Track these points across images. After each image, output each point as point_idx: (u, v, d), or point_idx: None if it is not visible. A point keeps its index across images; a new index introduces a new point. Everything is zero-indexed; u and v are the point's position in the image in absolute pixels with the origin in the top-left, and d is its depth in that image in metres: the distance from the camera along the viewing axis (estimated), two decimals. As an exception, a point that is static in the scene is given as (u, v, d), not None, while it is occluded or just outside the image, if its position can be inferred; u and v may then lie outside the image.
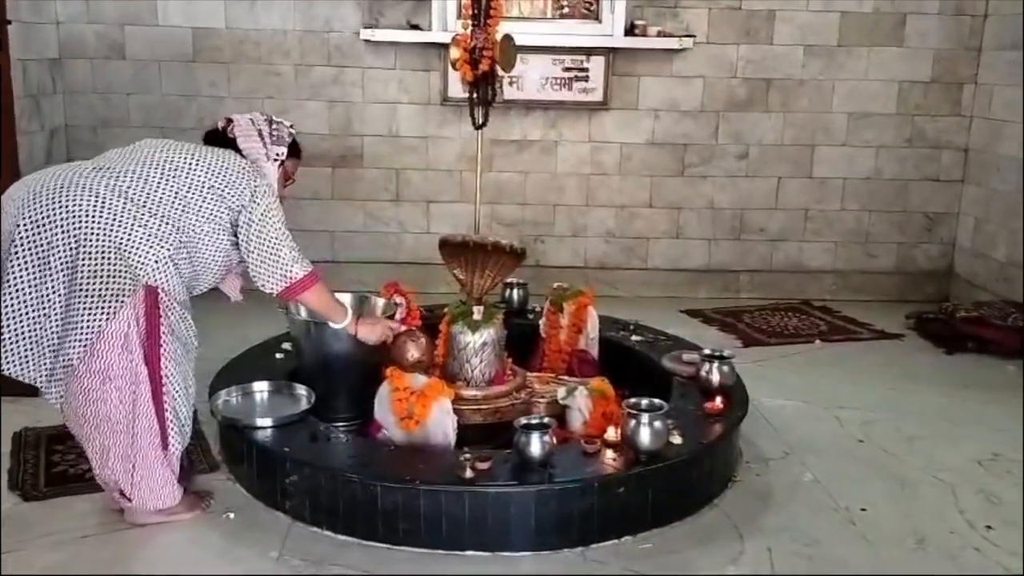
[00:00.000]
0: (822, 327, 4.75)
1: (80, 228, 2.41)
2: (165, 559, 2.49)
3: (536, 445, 2.54)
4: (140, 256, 2.46)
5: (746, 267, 5.29)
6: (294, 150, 2.86)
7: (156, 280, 2.48)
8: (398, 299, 3.42)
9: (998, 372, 4.15)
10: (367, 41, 4.85)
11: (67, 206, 2.42)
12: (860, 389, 3.85)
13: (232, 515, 2.69)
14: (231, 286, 2.85)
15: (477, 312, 3.10)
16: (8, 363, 2.46)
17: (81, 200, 2.43)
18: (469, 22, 3.16)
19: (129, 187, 2.49)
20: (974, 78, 5.06)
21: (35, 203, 2.43)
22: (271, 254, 2.61)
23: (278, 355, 3.43)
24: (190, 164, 2.57)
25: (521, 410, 2.98)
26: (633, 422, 2.63)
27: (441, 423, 2.75)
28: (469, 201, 3.97)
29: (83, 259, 2.41)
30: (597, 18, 4.93)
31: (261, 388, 3.10)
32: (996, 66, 4.90)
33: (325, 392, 3.03)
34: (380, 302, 3.34)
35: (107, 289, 2.42)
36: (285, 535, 2.59)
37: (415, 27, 4.84)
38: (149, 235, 2.47)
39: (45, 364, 2.47)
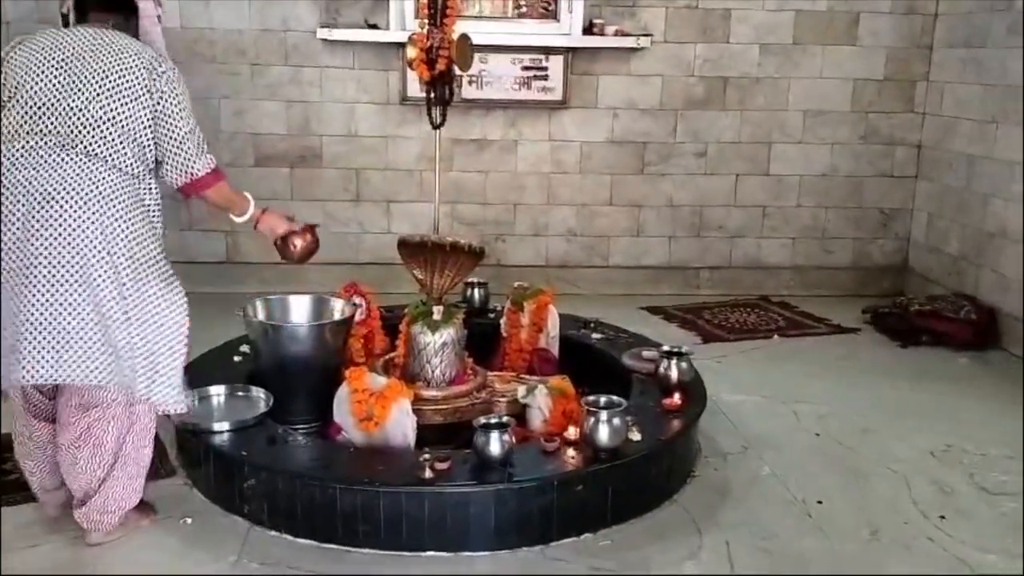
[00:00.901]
0: (780, 322, 4.81)
1: (117, 220, 2.39)
2: (122, 565, 2.45)
3: (495, 444, 2.54)
4: (158, 221, 2.55)
5: (705, 264, 5.33)
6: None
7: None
8: (357, 299, 3.42)
9: (951, 364, 4.23)
10: (324, 40, 4.82)
11: (94, 212, 2.35)
12: (817, 383, 3.90)
13: (189, 520, 2.66)
14: None
15: (437, 312, 3.09)
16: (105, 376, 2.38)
17: (104, 198, 2.37)
18: (426, 21, 3.15)
19: (113, 159, 2.40)
20: (926, 76, 5.15)
21: (53, 221, 2.32)
22: (175, 146, 2.51)
23: (236, 358, 3.40)
24: (113, 95, 2.41)
25: (481, 410, 2.98)
26: (592, 419, 2.64)
27: (401, 424, 2.74)
28: (430, 201, 3.96)
29: (137, 250, 2.41)
30: (555, 17, 4.94)
31: (218, 391, 3.07)
32: (947, 64, 4.99)
33: (283, 395, 3.00)
34: (339, 303, 3.32)
35: (167, 267, 2.50)
36: (243, 539, 2.57)
37: (373, 26, 4.82)
38: (152, 197, 2.53)
39: (142, 367, 2.42)
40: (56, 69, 2.41)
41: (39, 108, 2.40)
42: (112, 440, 2.48)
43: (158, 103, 2.48)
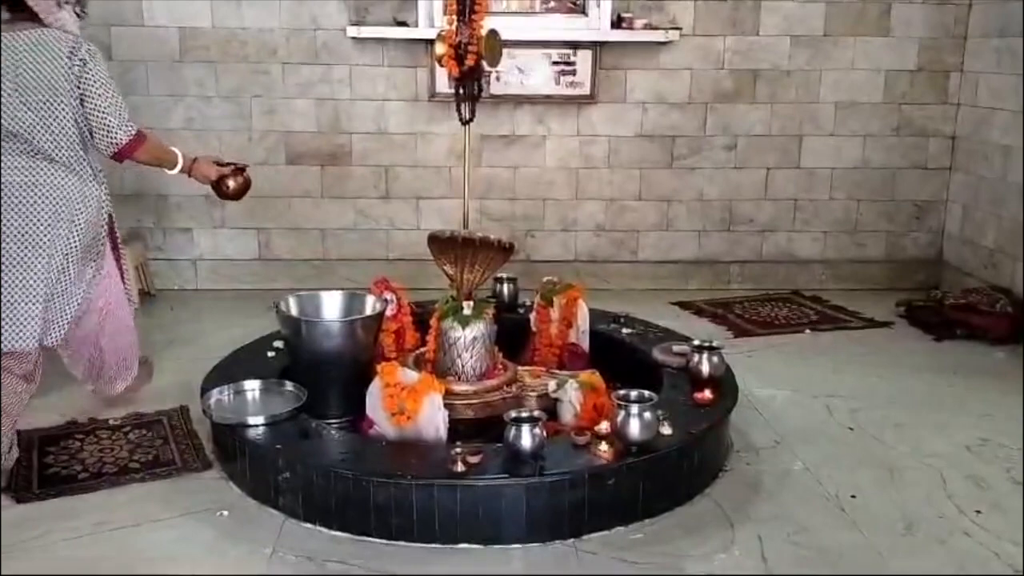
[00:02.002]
0: (812, 316, 4.77)
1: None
2: (159, 558, 2.49)
3: (527, 438, 2.55)
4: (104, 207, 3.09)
5: (736, 258, 5.30)
6: None
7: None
8: (388, 295, 3.44)
9: (987, 358, 4.18)
10: (354, 38, 4.85)
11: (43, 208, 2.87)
12: (850, 377, 3.87)
13: (226, 513, 2.70)
14: None
15: (467, 307, 3.11)
16: None
17: (52, 198, 2.88)
18: (454, 18, 3.16)
19: (61, 157, 2.88)
20: (960, 66, 5.08)
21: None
22: (99, 120, 2.90)
23: (269, 353, 3.43)
24: (50, 99, 2.83)
25: (512, 404, 2.99)
26: (623, 414, 2.64)
27: (432, 418, 2.76)
28: (459, 197, 3.97)
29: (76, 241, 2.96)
30: (583, 12, 4.93)
31: (253, 386, 3.11)
32: (981, 54, 4.92)
33: (317, 389, 3.04)
34: (370, 299, 3.34)
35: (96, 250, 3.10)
36: (279, 532, 2.60)
37: (402, 24, 4.84)
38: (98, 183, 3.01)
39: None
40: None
41: None
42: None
43: (82, 87, 2.87)
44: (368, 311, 3.27)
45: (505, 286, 3.99)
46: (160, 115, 4.91)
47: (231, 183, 3.25)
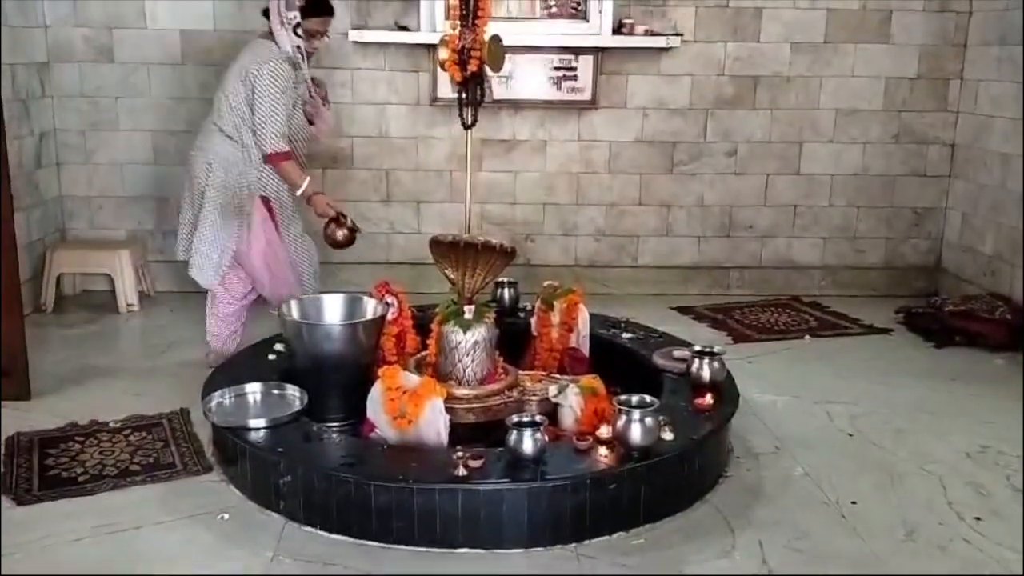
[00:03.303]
0: (811, 322, 4.78)
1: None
2: (159, 561, 2.49)
3: (528, 443, 2.56)
4: (254, 177, 3.82)
5: (735, 264, 5.31)
6: (312, 10, 3.69)
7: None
8: (389, 299, 3.44)
9: (986, 365, 4.18)
10: (355, 42, 4.86)
11: (209, 162, 3.75)
12: (849, 383, 3.88)
13: (226, 516, 2.70)
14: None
15: (468, 311, 3.11)
16: None
17: (216, 154, 3.76)
18: (457, 23, 3.17)
19: (226, 130, 3.71)
20: (960, 74, 5.10)
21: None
22: (258, 126, 3.64)
23: (271, 356, 3.43)
24: (228, 89, 3.70)
25: (513, 408, 2.99)
26: (624, 419, 2.65)
27: (433, 422, 2.76)
28: (459, 201, 3.97)
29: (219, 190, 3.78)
30: (585, 17, 4.94)
31: (254, 389, 3.11)
32: (981, 62, 4.94)
33: (318, 392, 3.04)
34: (371, 302, 3.35)
35: (239, 204, 3.82)
36: (279, 535, 2.60)
37: (403, 28, 4.85)
38: (247, 158, 3.75)
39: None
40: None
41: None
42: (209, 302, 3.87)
43: (251, 95, 3.63)
44: (369, 315, 3.28)
45: (506, 290, 3.99)
46: (162, 118, 4.92)
47: (339, 235, 3.77)
